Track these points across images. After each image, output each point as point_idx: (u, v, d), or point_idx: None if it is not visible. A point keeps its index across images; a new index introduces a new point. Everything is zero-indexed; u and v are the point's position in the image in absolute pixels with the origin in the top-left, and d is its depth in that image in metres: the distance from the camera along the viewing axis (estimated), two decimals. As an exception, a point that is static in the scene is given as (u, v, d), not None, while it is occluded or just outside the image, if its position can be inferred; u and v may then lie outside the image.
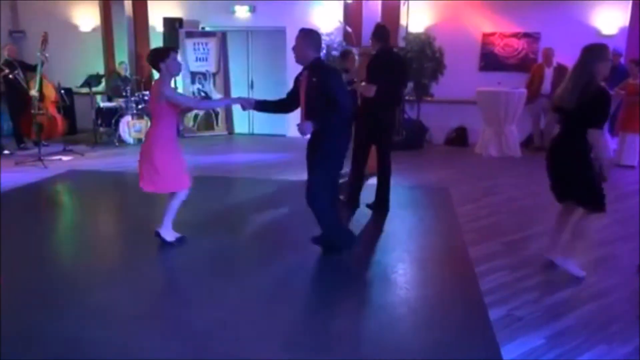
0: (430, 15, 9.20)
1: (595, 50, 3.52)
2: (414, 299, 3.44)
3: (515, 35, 9.05)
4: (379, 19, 8.94)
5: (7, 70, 7.88)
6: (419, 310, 3.29)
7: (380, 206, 5.20)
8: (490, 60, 9.17)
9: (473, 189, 6.26)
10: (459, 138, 9.21)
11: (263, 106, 4.17)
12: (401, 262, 4.05)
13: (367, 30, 9.01)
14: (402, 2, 8.95)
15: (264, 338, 2.91)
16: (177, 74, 4.16)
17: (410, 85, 8.85)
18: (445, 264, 4.03)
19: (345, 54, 6.02)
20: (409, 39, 8.71)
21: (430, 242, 4.56)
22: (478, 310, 3.22)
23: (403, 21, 9.09)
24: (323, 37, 8.72)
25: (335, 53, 8.64)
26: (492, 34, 9.12)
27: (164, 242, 4.16)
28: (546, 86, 8.32)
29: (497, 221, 5.03)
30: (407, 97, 8.97)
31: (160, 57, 3.85)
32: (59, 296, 3.39)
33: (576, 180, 3.63)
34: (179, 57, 4.28)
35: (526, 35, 9.00)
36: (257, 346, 2.83)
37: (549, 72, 8.38)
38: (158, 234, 4.18)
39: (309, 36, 3.81)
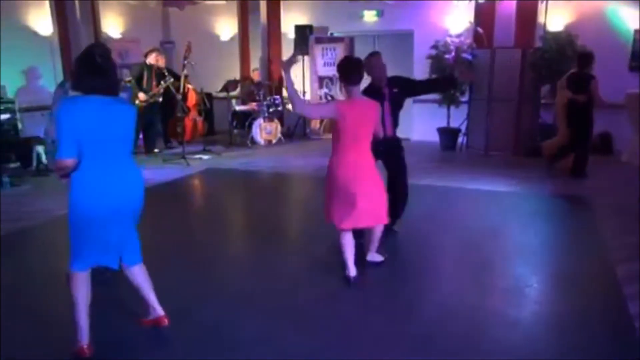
0: (572, 11, 8.50)
1: None
2: (550, 317, 3.21)
3: (676, 30, 8.03)
4: (513, 18, 8.50)
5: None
6: (557, 330, 3.06)
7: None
8: (643, 59, 8.24)
9: (620, 201, 5.65)
10: (603, 145, 8.39)
11: None
12: (536, 275, 3.81)
13: (499, 30, 8.62)
14: (540, -2, 8.41)
15: (389, 341, 2.92)
16: None
17: (545, 88, 8.31)
18: (588, 282, 3.70)
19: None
20: (546, 38, 8.13)
21: (569, 256, 4.21)
22: (627, 336, 2.92)
23: (541, 19, 8.54)
24: (452, 39, 8.60)
25: (465, 55, 8.37)
26: (647, 30, 8.18)
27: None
28: None
29: (650, 238, 4.50)
30: (542, 101, 8.41)
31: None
32: (199, 281, 3.71)
33: None
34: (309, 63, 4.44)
35: (690, 29, 7.95)
36: (382, 349, 2.84)
37: None
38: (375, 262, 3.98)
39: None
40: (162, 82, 8.33)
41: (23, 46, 8.23)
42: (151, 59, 8.38)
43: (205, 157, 8.45)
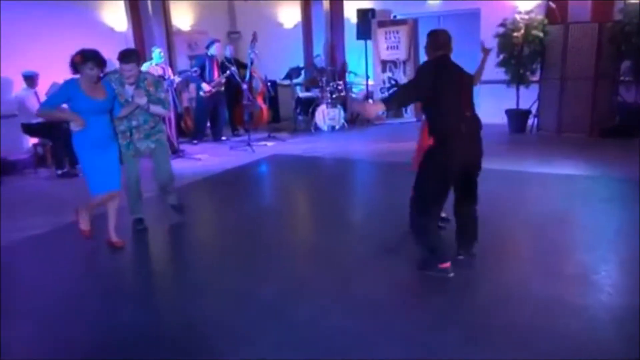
0: (657, -20, 7.84)
1: None
2: (620, 307, 3.06)
3: None
4: (589, -10, 7.98)
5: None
6: (627, 321, 2.90)
7: None
8: None
9: None
10: None
11: None
12: (605, 263, 3.63)
13: (574, 4, 8.12)
14: (621, -33, 7.82)
15: (448, 327, 2.92)
16: None
17: (626, 64, 7.76)
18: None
19: None
20: (627, 10, 7.57)
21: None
22: None
23: (621, -10, 7.96)
24: (521, 16, 8.20)
25: (535, 32, 7.98)
26: None
27: None
28: None
29: None
30: (621, 78, 7.86)
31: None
32: (263, 264, 3.86)
33: None
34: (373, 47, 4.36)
35: None
36: (441, 334, 2.85)
37: None
38: None
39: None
40: (226, 72, 8.61)
41: (101, 42, 8.69)
42: (213, 50, 8.65)
43: (270, 143, 8.66)
